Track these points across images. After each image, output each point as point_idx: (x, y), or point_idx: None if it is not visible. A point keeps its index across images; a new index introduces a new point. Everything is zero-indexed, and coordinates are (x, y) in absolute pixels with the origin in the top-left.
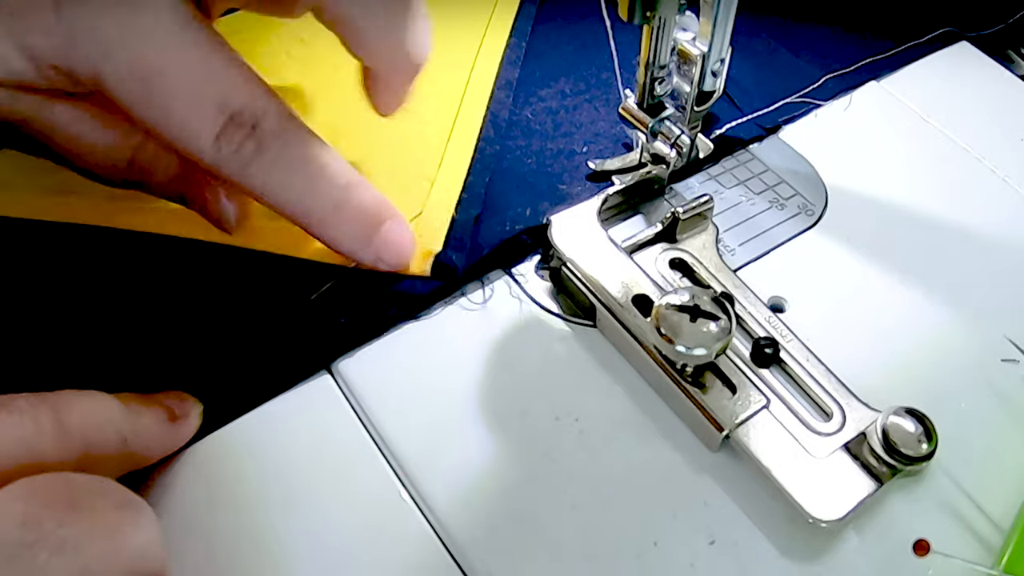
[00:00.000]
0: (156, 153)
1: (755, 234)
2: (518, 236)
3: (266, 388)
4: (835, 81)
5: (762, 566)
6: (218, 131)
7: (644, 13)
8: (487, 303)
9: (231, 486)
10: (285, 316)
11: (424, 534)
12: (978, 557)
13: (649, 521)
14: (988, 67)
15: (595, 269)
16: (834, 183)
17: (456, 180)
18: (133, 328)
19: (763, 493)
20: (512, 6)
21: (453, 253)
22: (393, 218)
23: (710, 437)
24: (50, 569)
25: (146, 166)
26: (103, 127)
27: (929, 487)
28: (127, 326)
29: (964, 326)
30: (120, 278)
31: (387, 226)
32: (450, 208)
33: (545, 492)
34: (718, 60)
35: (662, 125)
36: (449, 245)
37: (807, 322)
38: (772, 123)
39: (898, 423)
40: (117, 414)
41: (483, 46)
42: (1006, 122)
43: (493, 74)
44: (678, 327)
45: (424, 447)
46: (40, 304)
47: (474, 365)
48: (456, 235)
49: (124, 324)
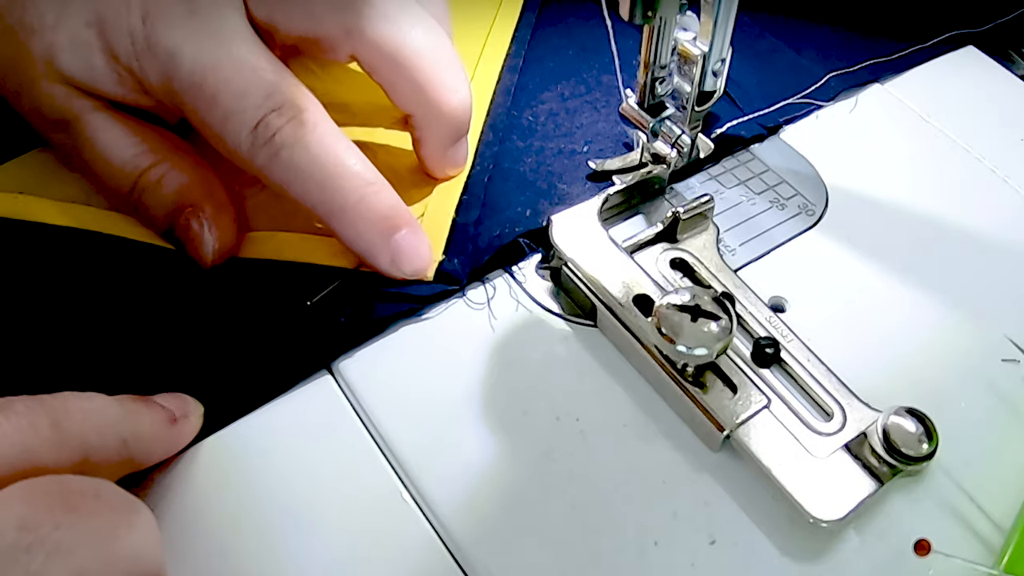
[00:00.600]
0: (158, 180)
1: (756, 234)
2: (517, 240)
3: (266, 389)
4: (837, 80)
5: (763, 566)
6: (259, 119)
7: (645, 13)
8: (488, 303)
9: (232, 487)
10: (285, 317)
11: (424, 534)
12: (979, 557)
13: (650, 521)
14: (988, 67)
15: (596, 269)
16: (835, 183)
17: (457, 183)
18: (134, 330)
19: (764, 493)
20: (514, 13)
21: (456, 259)
22: (411, 226)
23: (711, 437)
24: (46, 572)
25: (146, 189)
26: (124, 142)
27: (930, 487)
28: (128, 328)
29: (964, 326)
30: (121, 282)
31: (404, 231)
32: (450, 211)
33: (545, 492)
34: (719, 60)
35: (663, 125)
36: (451, 251)
37: (808, 322)
38: (773, 123)
39: (899, 423)
40: (117, 416)
41: (484, 53)
42: (1006, 122)
43: (494, 79)
44: (679, 327)
45: (424, 447)
46: (42, 307)
47: (475, 365)
48: (457, 239)
49: (125, 326)
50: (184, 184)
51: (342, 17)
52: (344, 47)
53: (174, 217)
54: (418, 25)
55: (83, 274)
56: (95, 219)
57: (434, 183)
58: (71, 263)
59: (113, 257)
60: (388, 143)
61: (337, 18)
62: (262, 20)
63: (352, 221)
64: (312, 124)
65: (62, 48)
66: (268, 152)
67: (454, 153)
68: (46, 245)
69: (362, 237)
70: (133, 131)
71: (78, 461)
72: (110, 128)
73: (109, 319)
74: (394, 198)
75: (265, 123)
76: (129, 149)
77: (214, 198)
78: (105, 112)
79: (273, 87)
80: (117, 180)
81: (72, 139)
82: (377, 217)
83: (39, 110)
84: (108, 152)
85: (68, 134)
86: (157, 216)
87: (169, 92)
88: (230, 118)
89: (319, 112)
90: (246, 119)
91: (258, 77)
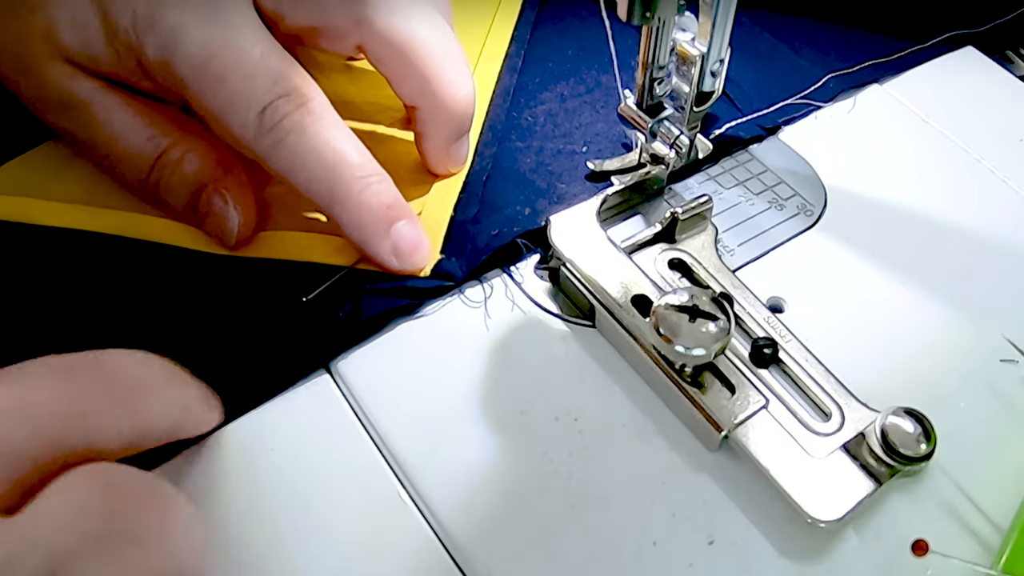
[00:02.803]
0: (178, 159)
1: (754, 234)
2: (515, 241)
3: (265, 388)
4: (836, 81)
5: (761, 566)
6: (266, 104)
7: (643, 13)
8: (486, 303)
9: (230, 487)
10: (283, 316)
11: (423, 534)
12: (977, 557)
13: (648, 521)
14: (988, 68)
15: (594, 269)
16: (833, 183)
17: (456, 180)
18: (131, 330)
19: (762, 493)
20: (512, 13)
21: (453, 257)
22: (411, 218)
23: (709, 437)
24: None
25: (165, 169)
26: (138, 126)
27: (928, 487)
28: (125, 328)
29: (963, 326)
30: (118, 281)
31: (405, 222)
32: (448, 208)
33: (544, 492)
34: (717, 60)
35: (661, 125)
36: (448, 249)
37: (806, 322)
38: (772, 123)
39: (897, 423)
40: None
41: (484, 52)
42: (1006, 123)
43: (494, 78)
44: (677, 327)
45: (423, 447)
46: (40, 307)
47: (473, 365)
48: (455, 238)
49: (122, 326)
50: (204, 162)
51: (352, 7)
52: (352, 37)
53: (195, 196)
54: (425, 19)
55: (78, 274)
56: (93, 219)
57: (432, 182)
58: (68, 263)
59: (110, 257)
60: (388, 141)
61: (347, 8)
62: (269, 9)
63: (354, 209)
64: (319, 112)
65: (62, 24)
66: (274, 137)
67: (456, 149)
68: (44, 246)
69: (364, 226)
70: (145, 112)
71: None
72: (121, 110)
73: (105, 318)
74: (395, 191)
75: (273, 108)
76: (144, 131)
77: (234, 175)
78: (114, 94)
79: (280, 73)
80: (134, 163)
81: (81, 123)
82: (379, 206)
83: (43, 92)
84: (123, 135)
85: (75, 118)
86: (180, 196)
87: (168, 72)
88: (236, 101)
89: (325, 102)
90: (253, 103)
91: (265, 63)
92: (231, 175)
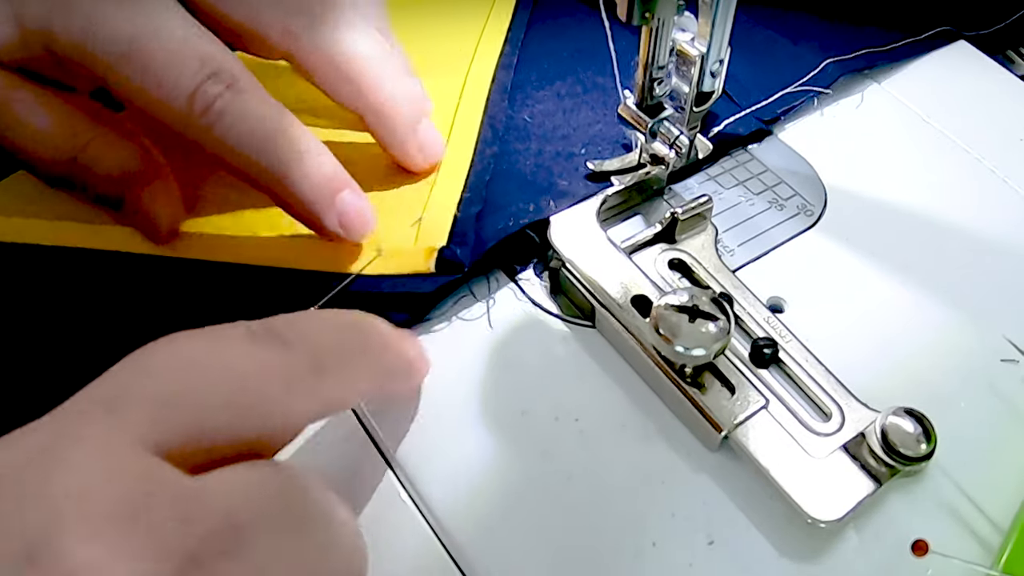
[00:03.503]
0: (99, 153)
1: (754, 234)
2: (523, 230)
3: None
4: (835, 67)
5: (761, 566)
6: (196, 85)
7: (642, 14)
8: (486, 304)
9: None
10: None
11: (422, 534)
12: (977, 557)
13: (648, 521)
14: (988, 67)
15: (594, 270)
16: (833, 183)
17: (457, 181)
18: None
19: (762, 493)
20: (507, 12)
21: (457, 248)
22: (353, 187)
23: (709, 437)
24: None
25: (88, 164)
26: (57, 121)
27: (928, 487)
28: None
29: (963, 326)
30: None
31: (348, 191)
32: (452, 207)
33: (544, 492)
34: (717, 60)
35: (661, 126)
36: (452, 241)
37: (806, 322)
38: (771, 115)
39: (897, 423)
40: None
41: (478, 51)
42: (1006, 122)
43: (489, 79)
44: (677, 327)
45: (423, 447)
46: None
47: (473, 365)
48: (459, 231)
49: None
50: (124, 156)
51: (281, 17)
52: (280, 47)
53: (119, 192)
54: (351, 29)
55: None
56: (83, 236)
57: (431, 182)
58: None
59: (106, 271)
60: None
61: (279, 16)
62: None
63: (296, 182)
64: (250, 90)
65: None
66: (208, 119)
67: (424, 143)
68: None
69: (307, 198)
70: (61, 108)
71: None
72: (36, 108)
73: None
74: (335, 161)
75: (203, 91)
76: (61, 127)
77: (156, 169)
78: (29, 90)
79: (207, 54)
80: (54, 159)
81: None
82: (321, 178)
83: None
84: (40, 132)
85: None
86: (104, 192)
87: (87, 56)
88: (164, 85)
89: (252, 79)
90: (182, 86)
91: (190, 45)
92: (154, 169)
